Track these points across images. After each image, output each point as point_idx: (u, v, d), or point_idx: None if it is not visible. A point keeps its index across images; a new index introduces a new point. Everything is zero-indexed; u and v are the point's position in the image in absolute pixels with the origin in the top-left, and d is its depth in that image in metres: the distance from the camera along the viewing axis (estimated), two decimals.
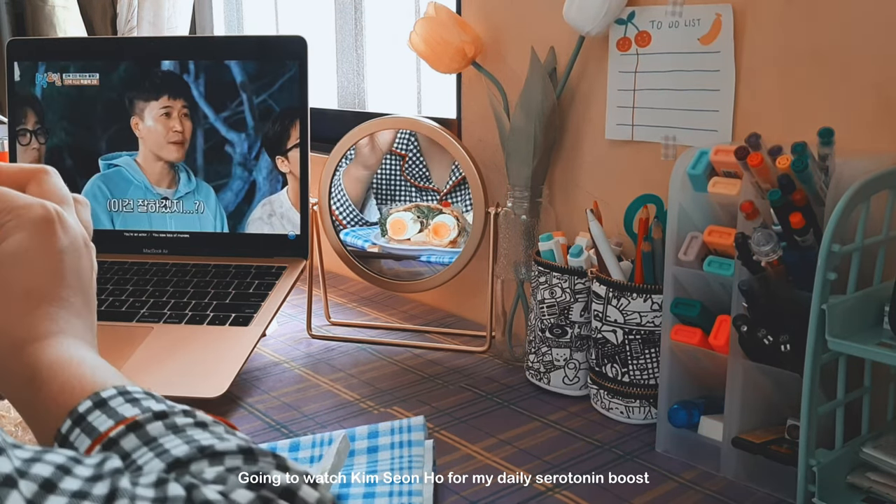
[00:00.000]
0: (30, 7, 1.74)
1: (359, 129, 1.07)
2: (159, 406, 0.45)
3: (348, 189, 1.10)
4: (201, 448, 0.40)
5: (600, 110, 0.95)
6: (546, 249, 0.90)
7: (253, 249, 1.09)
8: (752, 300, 0.68)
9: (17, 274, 0.49)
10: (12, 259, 0.49)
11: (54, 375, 0.47)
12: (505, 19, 1.04)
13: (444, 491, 0.71)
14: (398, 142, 1.10)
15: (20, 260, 0.49)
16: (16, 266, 0.49)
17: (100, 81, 1.13)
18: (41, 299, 0.49)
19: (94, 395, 0.45)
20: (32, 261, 0.49)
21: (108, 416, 0.44)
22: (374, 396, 0.90)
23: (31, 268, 0.49)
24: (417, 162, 1.09)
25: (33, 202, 0.50)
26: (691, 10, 0.85)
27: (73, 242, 0.51)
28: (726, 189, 0.72)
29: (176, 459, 0.40)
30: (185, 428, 0.43)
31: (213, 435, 0.43)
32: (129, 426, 0.43)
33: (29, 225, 0.49)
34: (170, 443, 0.42)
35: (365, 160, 1.10)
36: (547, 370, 0.90)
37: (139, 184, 1.12)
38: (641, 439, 0.80)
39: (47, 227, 0.50)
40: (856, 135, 0.74)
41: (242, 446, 0.41)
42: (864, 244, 0.63)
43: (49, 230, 0.50)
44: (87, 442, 0.44)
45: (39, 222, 0.49)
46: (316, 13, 1.65)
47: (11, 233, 0.49)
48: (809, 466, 0.64)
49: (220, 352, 0.90)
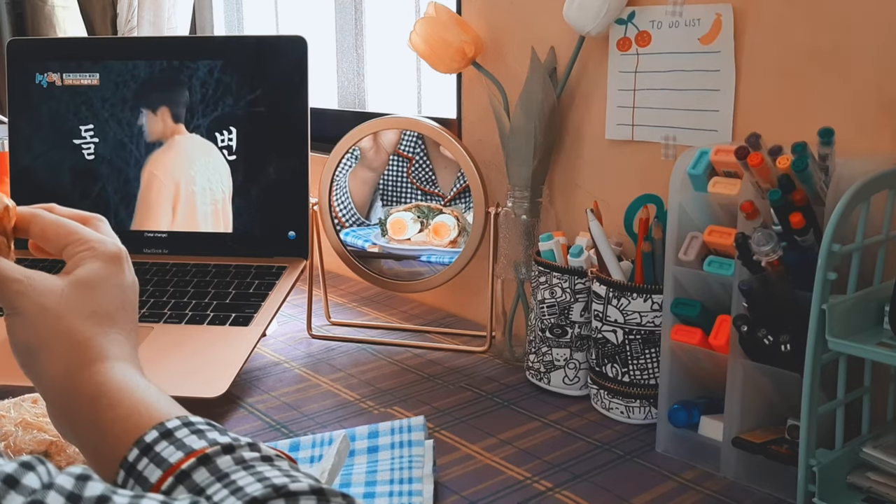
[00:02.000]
0: (30, 7, 1.74)
1: (359, 129, 1.07)
2: (224, 438, 0.47)
3: (354, 191, 1.10)
4: (276, 488, 0.41)
5: (600, 110, 0.95)
6: (546, 249, 0.90)
7: (253, 249, 1.09)
8: (752, 300, 0.68)
9: (89, 298, 0.53)
10: (86, 284, 0.54)
11: (121, 399, 0.50)
12: (505, 19, 1.04)
13: (444, 491, 0.71)
14: (405, 144, 1.10)
15: (94, 286, 0.54)
16: (89, 291, 0.54)
17: (100, 81, 1.13)
18: (110, 324, 0.54)
19: (160, 426, 0.47)
20: (104, 289, 0.54)
21: (175, 448, 0.46)
22: (374, 396, 0.90)
23: (102, 294, 0.54)
24: (424, 165, 1.09)
25: (106, 239, 0.56)
26: (691, 10, 0.85)
27: (134, 281, 0.57)
28: (726, 189, 0.72)
29: (253, 499, 0.41)
30: (254, 463, 0.45)
31: (282, 472, 0.44)
32: (200, 459, 0.45)
33: (103, 257, 0.55)
34: (242, 479, 0.43)
35: (370, 162, 1.10)
36: (547, 370, 0.90)
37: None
38: (641, 439, 0.80)
39: (118, 262, 0.56)
40: (856, 135, 0.74)
41: (314, 486, 0.42)
42: (864, 244, 0.63)
43: (119, 265, 0.56)
44: (157, 472, 0.45)
45: (113, 256, 0.55)
46: (316, 13, 1.65)
47: (86, 261, 0.54)
48: (809, 466, 0.64)
49: (220, 352, 0.90)
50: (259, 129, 1.09)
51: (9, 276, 0.52)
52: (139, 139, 1.13)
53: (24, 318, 0.52)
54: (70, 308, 0.52)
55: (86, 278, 0.54)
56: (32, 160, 1.15)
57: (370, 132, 1.07)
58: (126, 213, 1.13)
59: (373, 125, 1.07)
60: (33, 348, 0.52)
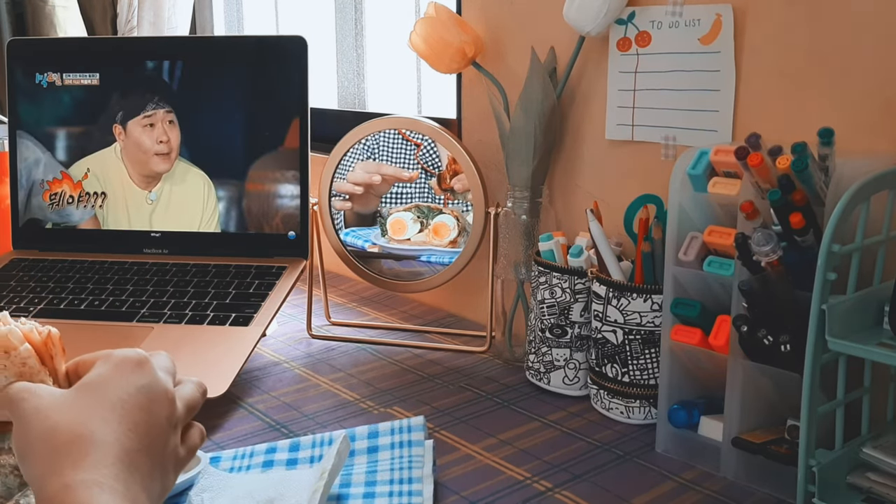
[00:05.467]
0: (30, 7, 1.74)
1: (359, 129, 1.07)
2: None
3: (349, 220, 1.10)
4: None
5: (600, 110, 0.95)
6: (546, 249, 0.90)
7: (253, 249, 1.09)
8: (752, 300, 0.68)
9: (87, 400, 0.50)
10: (87, 387, 0.51)
11: None
12: (505, 19, 1.04)
13: (444, 491, 0.71)
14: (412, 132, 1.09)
15: (94, 388, 0.50)
16: (89, 393, 0.50)
17: (100, 81, 1.13)
18: (102, 425, 0.49)
19: None
20: (106, 390, 0.50)
21: None
22: (374, 396, 0.90)
23: (103, 395, 0.50)
24: (431, 151, 1.08)
25: (129, 349, 0.53)
26: (691, 10, 0.85)
27: (152, 385, 0.52)
28: (726, 189, 0.72)
29: None
30: None
31: None
32: None
33: (114, 359, 0.52)
34: None
35: (366, 202, 1.10)
36: (547, 370, 0.90)
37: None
38: (641, 439, 0.80)
39: (133, 365, 0.52)
40: (856, 135, 0.74)
41: None
42: (864, 244, 0.63)
43: (127, 366, 0.52)
44: None
45: (124, 360, 0.52)
46: (316, 13, 1.65)
47: (95, 367, 0.52)
48: (809, 466, 0.64)
49: (220, 352, 0.90)
50: (259, 129, 1.09)
51: (21, 387, 0.50)
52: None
53: (20, 422, 0.49)
54: (61, 409, 0.49)
55: (88, 380, 0.51)
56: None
57: (370, 132, 1.07)
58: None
59: (373, 125, 1.07)
60: (21, 452, 0.49)
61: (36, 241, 1.16)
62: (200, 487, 0.69)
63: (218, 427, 0.83)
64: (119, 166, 1.13)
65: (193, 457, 0.56)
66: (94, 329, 0.95)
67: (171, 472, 0.52)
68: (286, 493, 0.67)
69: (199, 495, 0.68)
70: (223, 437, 0.81)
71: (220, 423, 0.84)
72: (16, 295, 1.03)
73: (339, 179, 1.09)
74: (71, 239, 1.15)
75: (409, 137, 1.09)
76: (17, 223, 1.16)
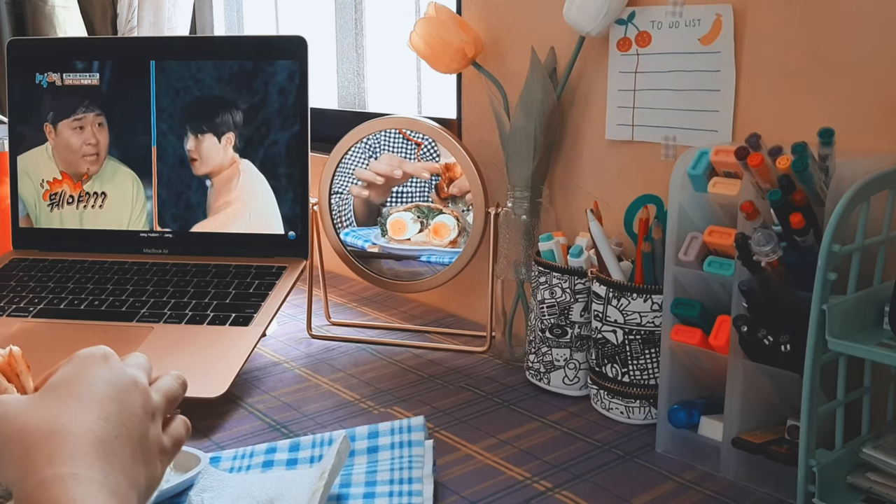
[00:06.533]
0: (30, 7, 1.74)
1: (359, 129, 1.07)
2: None
3: (357, 208, 1.10)
4: None
5: (600, 110, 0.95)
6: (546, 249, 0.90)
7: (253, 249, 1.09)
8: (752, 300, 0.68)
9: (54, 399, 0.50)
10: (54, 386, 0.51)
11: None
12: (505, 19, 1.04)
13: (444, 491, 0.71)
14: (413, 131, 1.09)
15: (60, 386, 0.51)
16: (56, 391, 0.51)
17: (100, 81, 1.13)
18: (70, 420, 0.49)
19: None
20: (73, 386, 0.51)
21: None
22: (374, 396, 0.90)
23: (69, 392, 0.51)
24: (431, 150, 1.08)
25: (91, 347, 0.54)
26: (691, 11, 0.85)
27: (119, 376, 0.53)
28: (726, 189, 0.72)
29: None
30: None
31: None
32: None
33: (78, 358, 0.53)
34: None
35: (381, 193, 1.10)
36: (547, 370, 0.90)
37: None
38: (641, 439, 0.80)
39: (96, 360, 0.53)
40: (856, 135, 0.74)
41: None
42: (864, 244, 0.63)
43: (92, 361, 0.53)
44: None
45: (88, 356, 0.53)
46: (316, 13, 1.65)
47: (60, 368, 0.53)
48: (809, 467, 0.64)
49: (220, 352, 0.90)
50: (259, 129, 1.09)
51: None
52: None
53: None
54: (30, 410, 0.49)
55: (54, 381, 0.52)
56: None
57: (370, 132, 1.07)
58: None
59: (373, 125, 1.07)
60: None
61: (36, 241, 1.16)
62: (200, 487, 0.69)
63: (218, 427, 0.83)
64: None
65: (180, 448, 0.56)
66: (93, 329, 0.95)
67: (156, 463, 0.52)
68: (286, 493, 0.67)
69: (199, 495, 0.68)
70: (223, 437, 0.81)
71: (220, 423, 0.84)
72: (16, 295, 1.03)
73: (360, 167, 1.09)
74: (66, 238, 1.15)
75: (409, 136, 1.09)
76: (17, 223, 1.16)
